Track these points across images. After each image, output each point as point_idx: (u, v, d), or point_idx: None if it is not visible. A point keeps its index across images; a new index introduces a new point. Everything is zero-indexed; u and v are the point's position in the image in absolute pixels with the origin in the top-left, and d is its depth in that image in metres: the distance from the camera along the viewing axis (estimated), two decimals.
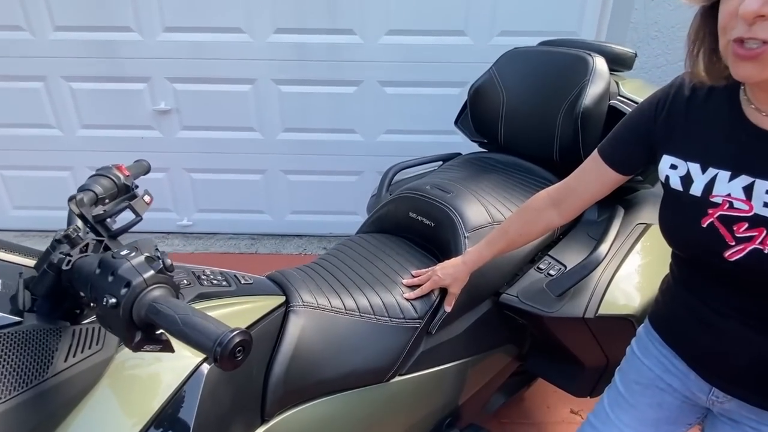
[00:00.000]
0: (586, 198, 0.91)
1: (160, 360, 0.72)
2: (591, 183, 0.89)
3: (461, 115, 1.65)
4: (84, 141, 2.59)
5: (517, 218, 1.00)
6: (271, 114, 2.51)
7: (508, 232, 1.01)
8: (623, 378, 0.95)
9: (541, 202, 0.97)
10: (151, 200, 0.78)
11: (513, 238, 1.01)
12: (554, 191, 0.95)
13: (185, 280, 0.84)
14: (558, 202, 0.94)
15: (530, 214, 0.98)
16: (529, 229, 0.99)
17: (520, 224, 1.00)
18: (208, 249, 2.70)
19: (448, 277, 1.04)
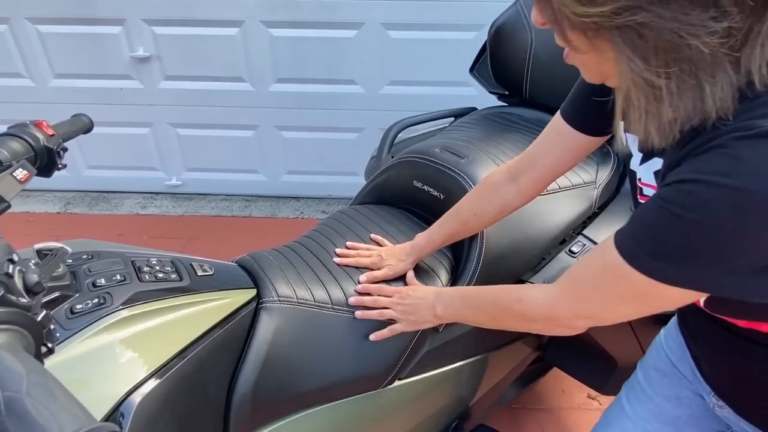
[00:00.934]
0: (547, 167, 0.77)
1: (87, 379, 0.54)
2: (552, 149, 0.75)
3: (478, 61, 1.39)
4: (58, 92, 2.36)
5: (471, 194, 0.87)
6: (261, 62, 2.25)
7: (460, 211, 0.86)
8: (643, 365, 0.82)
9: (498, 176, 0.83)
10: (26, 177, 0.57)
11: (465, 218, 0.85)
12: (513, 162, 0.82)
13: (118, 275, 0.64)
14: (516, 174, 0.80)
15: (485, 189, 0.84)
16: (482, 206, 0.83)
17: (473, 200, 0.85)
18: (199, 211, 2.52)
19: (391, 259, 0.87)
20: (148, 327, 0.60)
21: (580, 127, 0.72)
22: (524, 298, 0.65)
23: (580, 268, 0.58)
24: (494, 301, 0.70)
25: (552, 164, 0.76)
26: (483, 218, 0.84)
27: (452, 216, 0.86)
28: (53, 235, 2.31)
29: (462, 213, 0.85)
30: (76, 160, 2.55)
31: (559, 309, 0.60)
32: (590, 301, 0.56)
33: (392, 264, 0.87)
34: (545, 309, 0.61)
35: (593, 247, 0.61)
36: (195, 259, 0.77)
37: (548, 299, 0.61)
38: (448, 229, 0.86)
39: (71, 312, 0.58)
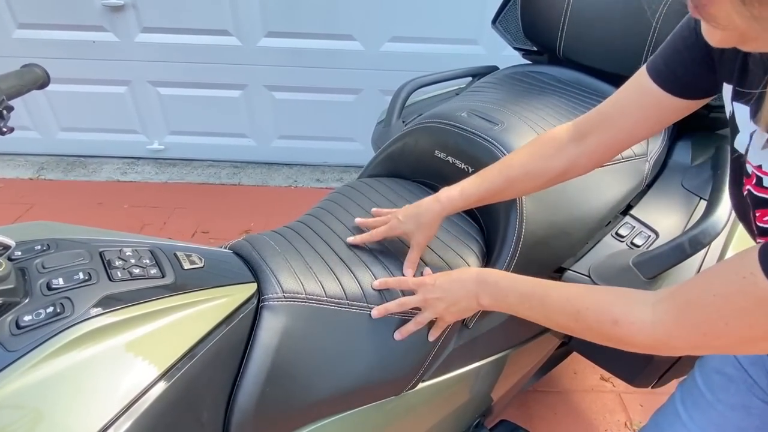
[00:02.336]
0: (622, 130, 0.64)
1: (43, 419, 0.41)
2: (631, 109, 0.62)
3: (502, 11, 1.22)
4: (22, 45, 2.13)
5: (524, 149, 0.72)
6: (249, 13, 2.04)
7: (509, 166, 0.71)
8: (703, 367, 0.72)
9: (561, 132, 0.70)
10: None
11: (513, 177, 0.70)
12: (581, 120, 0.69)
13: (81, 273, 0.50)
14: (584, 133, 0.67)
15: (544, 145, 0.70)
16: (537, 165, 0.69)
17: (526, 156, 0.70)
18: (184, 178, 2.35)
19: (410, 221, 0.72)
20: (121, 343, 0.46)
21: (672, 88, 0.59)
22: (622, 322, 0.50)
23: (706, 294, 0.45)
24: (573, 314, 0.55)
25: (629, 127, 0.63)
26: (535, 180, 0.70)
27: (497, 171, 0.71)
28: (26, 203, 2.13)
29: (511, 169, 0.70)
30: (48, 122, 2.34)
31: (674, 342, 0.47)
32: (723, 337, 0.44)
33: (411, 231, 0.72)
34: (652, 340, 0.48)
35: (715, 267, 0.47)
36: (181, 246, 0.63)
37: (659, 330, 0.48)
38: (488, 186, 0.71)
39: (17, 326, 0.44)
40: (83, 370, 0.43)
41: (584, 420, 1.39)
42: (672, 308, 0.47)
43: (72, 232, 0.59)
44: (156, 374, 0.46)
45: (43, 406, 0.41)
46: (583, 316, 0.54)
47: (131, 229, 2.01)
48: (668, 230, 0.82)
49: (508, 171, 0.70)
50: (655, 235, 0.82)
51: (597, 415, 1.40)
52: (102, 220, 2.06)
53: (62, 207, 2.14)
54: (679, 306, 0.47)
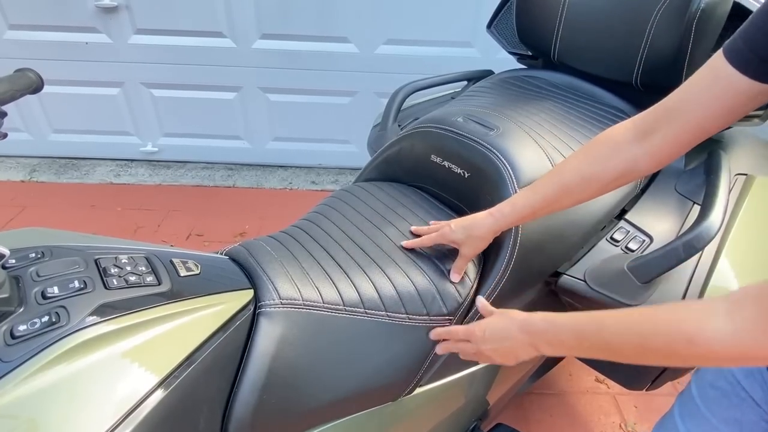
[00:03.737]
0: (692, 123, 0.58)
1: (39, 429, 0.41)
2: (704, 98, 0.56)
3: (497, 16, 1.22)
4: (13, 46, 2.11)
5: (578, 153, 0.67)
6: (244, 15, 2.03)
7: (562, 172, 0.67)
8: (699, 380, 0.71)
9: (619, 132, 0.64)
10: None
11: (569, 183, 0.66)
12: (641, 117, 0.63)
13: (76, 281, 0.50)
14: (647, 130, 0.61)
15: (600, 147, 0.65)
16: (594, 169, 0.65)
17: (582, 160, 0.66)
18: (178, 180, 2.34)
19: (461, 231, 0.72)
20: (117, 352, 0.46)
21: (752, 71, 0.53)
22: (698, 340, 0.46)
23: None
24: (640, 343, 0.50)
25: (699, 119, 0.57)
26: (592, 184, 0.65)
27: (549, 180, 0.68)
28: (18, 205, 2.11)
29: (565, 175, 0.66)
30: (40, 124, 2.32)
31: (764, 350, 0.43)
32: None
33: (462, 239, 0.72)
34: (737, 352, 0.44)
35: None
36: (177, 252, 0.63)
37: (744, 338, 0.44)
38: (541, 197, 0.67)
39: (12, 336, 0.44)
40: (79, 380, 0.43)
41: (579, 422, 1.40)
42: (754, 313, 0.43)
43: (67, 239, 0.58)
44: (153, 383, 0.46)
45: (39, 417, 0.41)
46: (652, 342, 0.50)
47: (125, 231, 1.99)
48: (662, 235, 0.83)
49: (561, 178, 0.67)
50: (649, 239, 0.83)
51: (592, 416, 1.41)
52: (95, 222, 2.04)
53: (55, 209, 2.11)
54: (762, 309, 0.43)
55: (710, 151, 0.94)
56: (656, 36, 0.89)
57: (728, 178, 0.84)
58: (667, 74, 0.90)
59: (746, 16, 0.90)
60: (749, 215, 0.85)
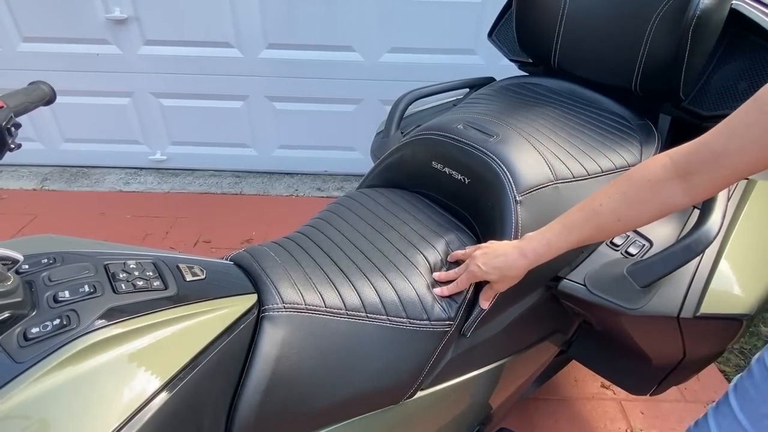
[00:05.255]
0: (740, 169, 0.56)
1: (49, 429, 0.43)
2: (751, 144, 0.54)
3: (498, 24, 1.24)
4: (28, 58, 2.16)
5: (616, 193, 0.66)
6: (250, 25, 2.07)
7: (600, 213, 0.66)
8: (749, 408, 0.65)
9: (657, 171, 0.63)
10: None
11: (605, 224, 0.66)
12: (681, 156, 0.61)
13: (86, 286, 0.51)
14: (688, 172, 0.60)
15: (640, 189, 0.64)
16: (631, 212, 0.65)
17: (618, 202, 0.65)
18: (186, 188, 2.37)
19: (495, 272, 0.72)
20: (124, 354, 0.48)
21: None
22: None
23: None
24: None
25: (746, 165, 0.56)
26: (630, 225, 0.66)
27: (584, 220, 0.68)
28: (29, 213, 2.15)
29: (601, 217, 0.66)
30: (52, 133, 2.37)
31: None
32: None
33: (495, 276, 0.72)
34: None
35: None
36: (183, 258, 0.64)
37: None
38: (576, 238, 0.68)
39: (25, 338, 0.45)
40: (88, 381, 0.45)
41: (585, 428, 1.39)
42: None
43: (77, 245, 0.60)
44: (159, 384, 0.48)
45: (50, 416, 0.42)
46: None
47: (133, 239, 2.02)
48: (662, 239, 0.84)
49: (598, 219, 0.67)
50: (649, 243, 0.83)
51: (598, 422, 1.41)
52: (105, 229, 2.08)
53: (65, 217, 2.15)
54: None
55: None
56: (654, 42, 0.90)
57: None
58: (666, 80, 0.91)
59: (743, 22, 0.91)
60: (750, 219, 0.86)
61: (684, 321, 0.78)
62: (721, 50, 0.94)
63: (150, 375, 0.48)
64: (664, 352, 0.90)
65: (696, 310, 0.77)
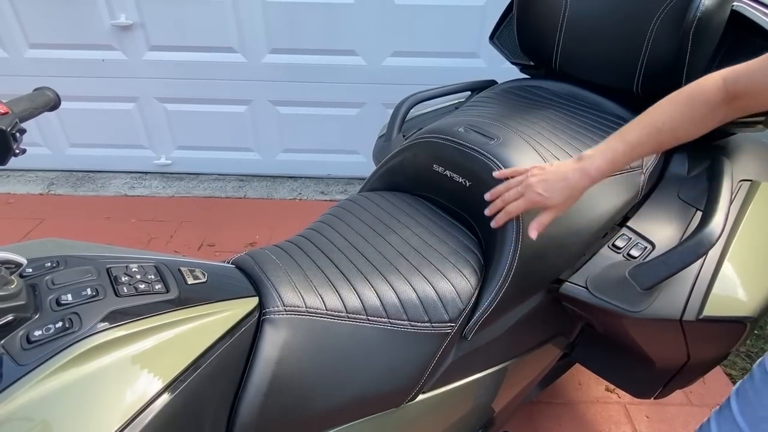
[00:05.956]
0: None
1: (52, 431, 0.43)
2: None
3: (499, 28, 1.24)
4: (34, 64, 2.19)
5: (677, 113, 0.69)
6: (254, 30, 2.08)
7: (662, 131, 0.69)
8: (748, 412, 0.66)
9: (712, 92, 0.67)
10: None
11: (666, 141, 0.70)
12: (732, 80, 0.66)
13: (89, 289, 0.52)
14: (734, 96, 0.65)
15: (697, 109, 0.67)
16: (688, 131, 0.68)
17: (683, 123, 0.68)
18: (191, 192, 2.38)
19: (558, 196, 0.72)
20: (126, 356, 0.48)
21: None
22: None
23: None
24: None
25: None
26: (683, 140, 0.70)
27: (646, 137, 0.70)
28: (36, 217, 2.17)
29: (663, 135, 0.69)
30: (58, 138, 2.40)
31: None
32: None
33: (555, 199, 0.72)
34: None
35: None
36: (184, 261, 0.65)
37: None
38: (639, 153, 0.71)
39: (28, 341, 0.46)
40: (90, 383, 0.45)
41: (589, 431, 1.38)
42: None
43: (80, 249, 0.61)
44: (160, 386, 0.48)
45: (52, 418, 0.43)
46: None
47: (138, 242, 2.04)
48: (664, 241, 0.83)
49: (659, 137, 0.70)
50: (651, 246, 0.83)
51: (602, 426, 1.40)
52: (110, 234, 2.09)
53: (71, 222, 2.17)
54: None
55: (713, 158, 0.94)
56: (655, 44, 0.90)
57: (730, 184, 0.85)
58: (668, 82, 0.91)
59: (745, 24, 0.91)
60: (753, 221, 0.85)
61: (687, 324, 0.77)
62: (722, 52, 0.94)
63: (151, 377, 0.48)
64: (667, 354, 0.89)
65: (699, 312, 0.76)
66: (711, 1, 0.82)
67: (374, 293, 0.71)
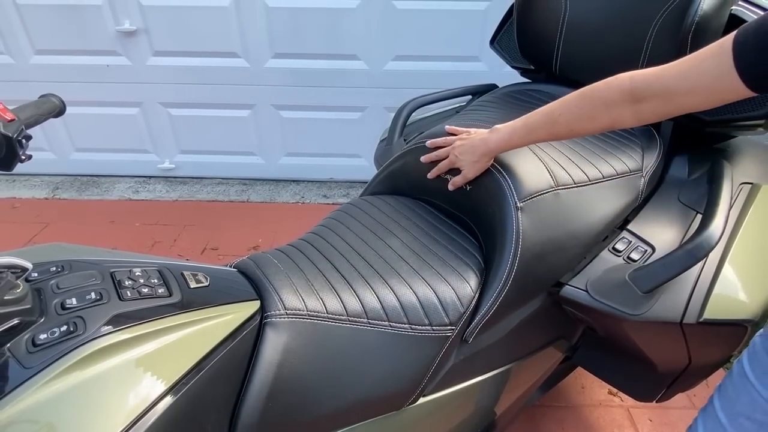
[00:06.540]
0: (682, 107, 0.63)
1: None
2: (700, 88, 0.59)
3: (500, 32, 1.25)
4: (40, 70, 2.21)
5: (575, 107, 0.72)
6: (256, 36, 2.10)
7: (556, 122, 0.73)
8: (727, 407, 0.68)
9: (614, 93, 0.68)
10: None
11: (560, 132, 0.74)
12: (640, 82, 0.66)
13: (93, 293, 0.53)
14: (640, 98, 0.65)
15: (594, 106, 0.70)
16: (583, 125, 0.72)
17: (574, 115, 0.71)
18: (194, 196, 2.40)
19: (466, 158, 0.82)
20: (129, 359, 0.49)
21: (758, 85, 0.55)
22: None
23: None
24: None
25: (688, 105, 0.62)
26: (578, 135, 0.74)
27: (544, 123, 0.74)
28: (41, 222, 2.19)
29: (557, 126, 0.73)
30: (63, 143, 2.42)
31: None
32: None
33: (465, 163, 0.82)
34: None
35: None
36: (187, 265, 0.66)
37: None
38: (534, 138, 0.77)
39: (33, 344, 0.47)
40: (94, 386, 0.46)
41: None
42: None
43: (85, 253, 0.62)
44: (163, 389, 0.49)
45: (57, 420, 0.43)
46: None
47: (142, 246, 2.05)
48: (664, 245, 0.84)
49: (553, 127, 0.74)
50: (651, 249, 0.83)
51: (605, 430, 1.39)
52: (114, 238, 2.10)
53: (76, 226, 2.19)
54: None
55: (714, 161, 0.94)
56: (654, 48, 0.91)
57: (730, 187, 0.85)
58: None
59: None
60: (754, 223, 0.85)
61: (687, 327, 0.77)
62: None
63: (154, 380, 0.49)
64: (668, 358, 0.89)
65: (699, 315, 0.76)
66: (709, 6, 0.82)
67: (375, 296, 0.72)
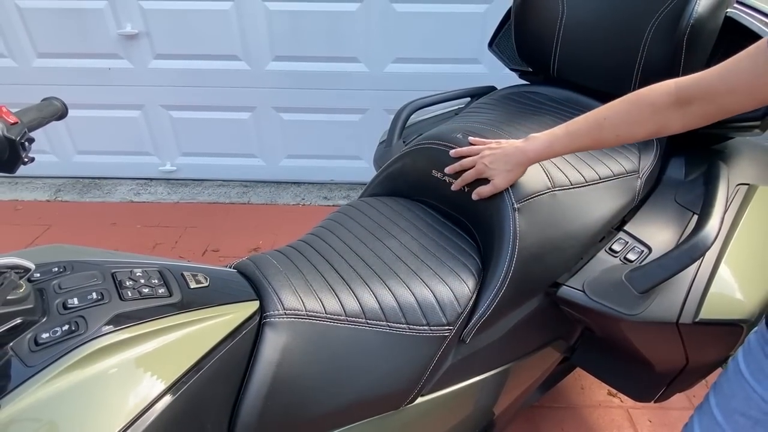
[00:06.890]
0: (726, 108, 0.63)
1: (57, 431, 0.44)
2: (740, 87, 0.60)
3: (498, 34, 1.26)
4: (42, 73, 2.23)
5: (621, 112, 0.71)
6: (257, 38, 2.11)
7: (603, 127, 0.72)
8: (723, 404, 0.69)
9: (660, 96, 0.68)
10: None
11: (605, 138, 0.73)
12: (685, 86, 0.66)
13: (94, 293, 0.54)
14: (686, 100, 0.66)
15: (642, 111, 0.69)
16: (630, 131, 0.70)
17: (620, 120, 0.71)
18: (195, 198, 2.41)
19: (498, 167, 0.78)
20: (130, 358, 0.50)
21: None
22: None
23: None
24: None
25: (731, 106, 0.62)
26: (624, 141, 0.73)
27: (586, 132, 0.73)
28: (43, 224, 2.20)
29: (603, 131, 0.72)
30: (65, 145, 2.43)
31: None
32: None
33: (496, 173, 0.79)
34: None
35: None
36: (187, 266, 0.67)
37: None
38: (578, 145, 0.75)
39: (35, 343, 0.48)
40: (95, 384, 0.47)
41: None
42: None
43: (87, 254, 0.63)
44: (162, 388, 0.50)
45: (59, 418, 0.44)
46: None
47: (143, 248, 2.06)
48: (661, 245, 0.84)
49: (599, 132, 0.72)
50: (648, 250, 0.84)
51: (605, 430, 1.40)
52: (116, 239, 2.12)
53: (78, 228, 2.20)
54: None
55: (710, 162, 0.95)
56: (651, 50, 0.91)
57: (726, 188, 0.85)
58: None
59: (739, 30, 0.92)
60: (750, 224, 0.86)
61: (683, 327, 0.78)
62: (717, 57, 0.95)
63: (154, 379, 0.50)
64: (665, 358, 0.90)
65: (695, 315, 0.77)
66: (704, 8, 0.83)
67: (373, 297, 0.73)
